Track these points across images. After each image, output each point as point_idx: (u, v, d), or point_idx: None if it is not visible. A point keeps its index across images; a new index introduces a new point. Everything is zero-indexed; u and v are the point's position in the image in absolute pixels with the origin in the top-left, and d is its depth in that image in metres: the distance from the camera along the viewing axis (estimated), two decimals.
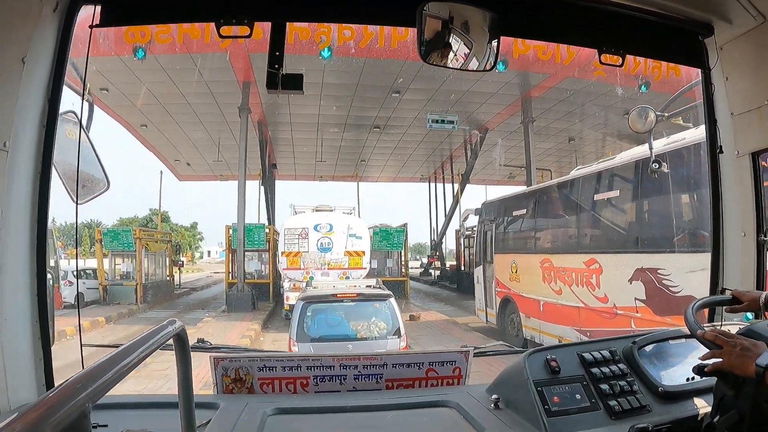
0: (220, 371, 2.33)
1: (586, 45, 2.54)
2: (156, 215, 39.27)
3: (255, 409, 2.08)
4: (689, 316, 1.78)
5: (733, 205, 2.64)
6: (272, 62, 2.19)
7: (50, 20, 2.00)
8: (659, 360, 2.21)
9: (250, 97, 18.50)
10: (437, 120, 19.78)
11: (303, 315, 8.16)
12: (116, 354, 0.99)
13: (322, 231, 17.76)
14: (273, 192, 28.63)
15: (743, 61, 2.43)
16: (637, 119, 3.60)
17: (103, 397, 2.07)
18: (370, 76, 16.96)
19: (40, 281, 2.09)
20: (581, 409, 1.95)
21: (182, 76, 16.57)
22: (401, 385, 2.43)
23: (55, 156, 2.10)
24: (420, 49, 2.09)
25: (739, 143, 2.53)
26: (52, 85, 2.07)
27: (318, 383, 2.36)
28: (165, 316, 1.20)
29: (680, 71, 10.37)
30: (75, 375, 0.87)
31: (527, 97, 19.69)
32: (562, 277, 11.19)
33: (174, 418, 1.41)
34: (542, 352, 2.15)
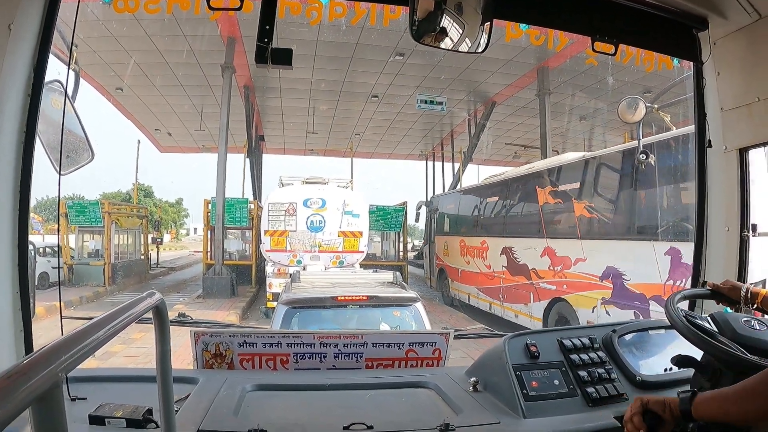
0: (201, 346, 2.50)
1: (579, 32, 2.68)
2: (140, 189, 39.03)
3: (234, 385, 2.24)
4: (670, 308, 1.91)
5: (718, 200, 2.80)
6: (262, 36, 2.26)
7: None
8: (638, 349, 2.41)
9: (236, 56, 18.06)
10: (426, 101, 19.93)
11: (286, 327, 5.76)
12: (91, 324, 1.02)
13: (313, 207, 16.15)
14: (260, 166, 28.29)
15: (736, 57, 2.57)
16: (626, 110, 3.76)
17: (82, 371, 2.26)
18: (372, 36, 16.56)
19: (21, 253, 2.20)
20: (559, 394, 2.13)
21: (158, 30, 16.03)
22: (381, 365, 2.61)
23: (39, 125, 2.19)
24: (412, 28, 2.20)
25: (728, 138, 2.68)
26: (39, 53, 2.16)
27: (298, 360, 2.54)
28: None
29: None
30: (48, 344, 0.88)
31: (544, 66, 19.47)
32: (470, 252, 16.81)
33: (153, 392, 1.49)
34: (522, 337, 2.34)
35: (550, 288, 12.02)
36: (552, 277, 11.94)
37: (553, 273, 11.89)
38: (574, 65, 18.03)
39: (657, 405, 1.57)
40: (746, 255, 2.69)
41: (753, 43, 2.47)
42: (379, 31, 15.95)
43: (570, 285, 11.27)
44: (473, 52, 2.31)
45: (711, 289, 2.15)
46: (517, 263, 13.51)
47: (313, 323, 6.01)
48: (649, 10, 2.54)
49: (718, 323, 1.86)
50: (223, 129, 18.99)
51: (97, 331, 1.02)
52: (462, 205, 18.49)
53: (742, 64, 2.56)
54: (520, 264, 13.34)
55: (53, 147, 2.26)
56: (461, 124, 26.32)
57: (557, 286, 11.75)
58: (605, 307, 10.23)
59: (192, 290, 20.64)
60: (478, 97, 22.90)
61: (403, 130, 27.09)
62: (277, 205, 16.22)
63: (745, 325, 1.83)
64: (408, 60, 18.58)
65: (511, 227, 14.41)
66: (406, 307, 6.22)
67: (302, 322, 5.97)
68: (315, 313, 6.09)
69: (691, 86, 2.87)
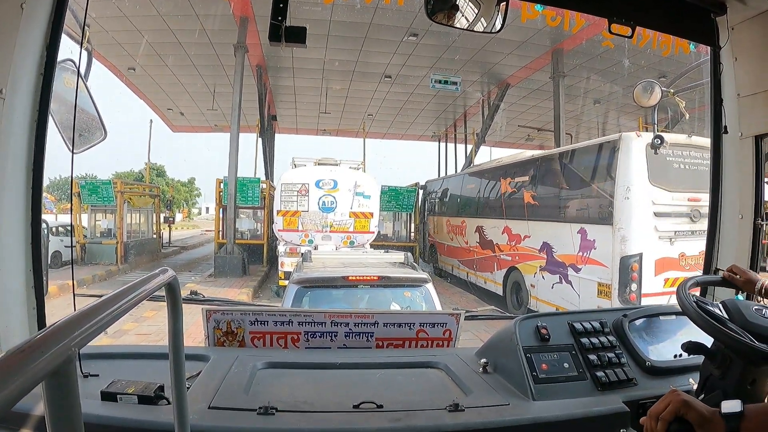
0: (212, 324, 2.53)
1: (596, 13, 2.63)
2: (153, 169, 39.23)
3: (245, 362, 2.27)
4: (681, 294, 1.90)
5: (732, 187, 2.78)
6: (276, 14, 2.26)
7: None
8: (648, 335, 2.40)
9: (248, 35, 17.96)
10: (440, 81, 19.98)
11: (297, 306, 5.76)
12: (104, 300, 1.02)
13: (325, 188, 16.59)
14: (272, 146, 28.29)
15: (754, 43, 2.53)
16: (642, 93, 3.73)
17: (94, 347, 2.30)
18: (386, 16, 16.49)
19: (34, 231, 2.22)
20: (569, 377, 2.14)
21: (170, 9, 16.06)
22: (391, 345, 2.64)
23: (52, 105, 2.20)
24: (427, 6, 2.19)
25: (744, 125, 2.66)
26: (51, 32, 2.15)
27: (309, 339, 2.57)
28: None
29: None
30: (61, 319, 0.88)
31: (560, 48, 19.31)
32: (453, 230, 19.64)
33: (164, 369, 1.51)
34: (533, 319, 2.34)
35: (507, 259, 14.69)
36: (509, 251, 14.63)
37: (510, 247, 14.59)
38: (589, 48, 17.93)
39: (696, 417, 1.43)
40: (759, 243, 2.67)
41: None
42: (393, 11, 15.93)
43: (520, 256, 13.97)
44: (488, 32, 2.30)
45: (723, 277, 2.14)
46: (486, 239, 16.20)
47: (324, 303, 6.03)
48: None
49: (729, 310, 1.85)
50: (235, 108, 18.95)
51: (110, 307, 1.02)
52: (448, 190, 21.42)
53: (761, 50, 2.52)
54: (488, 240, 16.05)
55: (66, 126, 2.25)
56: (474, 106, 26.18)
57: (512, 258, 14.39)
58: (542, 273, 12.86)
59: (204, 269, 20.78)
60: (491, 79, 22.74)
61: (416, 111, 26.99)
62: (289, 185, 16.63)
63: (756, 313, 1.82)
64: (421, 41, 18.48)
65: (483, 210, 17.08)
66: (417, 287, 6.24)
67: (313, 301, 5.98)
68: (326, 293, 6.11)
69: (708, 71, 2.84)
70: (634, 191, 10.29)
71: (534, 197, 13.61)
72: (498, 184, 15.65)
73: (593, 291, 11.03)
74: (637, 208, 10.31)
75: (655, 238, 10.31)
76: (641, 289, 10.23)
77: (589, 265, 11.23)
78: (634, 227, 10.30)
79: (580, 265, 11.47)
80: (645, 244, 10.29)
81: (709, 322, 1.77)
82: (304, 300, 5.95)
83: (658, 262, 10.32)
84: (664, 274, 10.37)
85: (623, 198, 10.37)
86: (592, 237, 11.19)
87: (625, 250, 10.30)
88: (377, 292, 6.12)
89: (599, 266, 10.89)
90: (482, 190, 17.31)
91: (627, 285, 10.29)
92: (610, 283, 10.52)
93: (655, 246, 10.29)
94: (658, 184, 10.33)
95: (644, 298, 10.16)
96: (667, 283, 10.26)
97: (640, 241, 10.27)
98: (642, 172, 10.32)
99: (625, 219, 10.37)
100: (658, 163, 10.36)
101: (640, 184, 10.28)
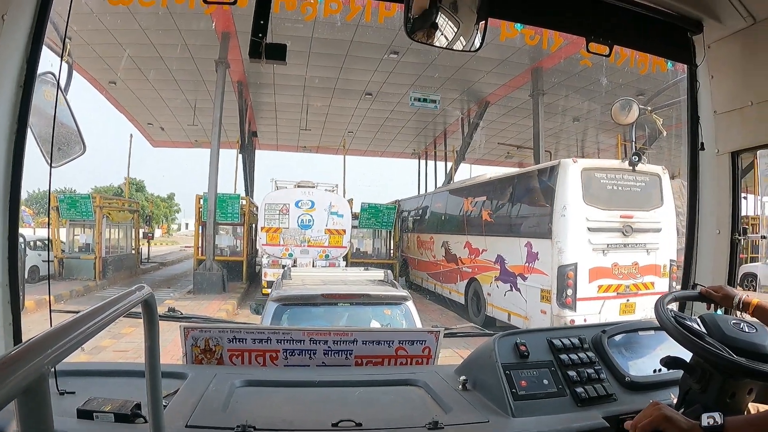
0: (190, 341, 2.50)
1: (574, 32, 2.67)
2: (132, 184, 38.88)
3: (224, 380, 2.24)
4: (659, 309, 1.92)
5: (709, 203, 2.81)
6: (256, 30, 2.26)
7: None
8: (628, 350, 2.42)
9: (230, 51, 18.01)
10: (419, 99, 20.55)
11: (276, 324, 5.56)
12: (80, 317, 1.01)
13: (304, 207, 18.62)
14: (252, 162, 28.26)
15: (730, 61, 2.58)
16: (620, 111, 3.79)
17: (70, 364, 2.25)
18: (367, 33, 16.62)
19: (11, 244, 2.19)
20: (548, 394, 2.14)
21: (152, 23, 16.01)
22: (370, 362, 2.62)
23: (31, 117, 2.17)
24: (406, 25, 2.19)
25: (720, 142, 2.70)
26: (32, 44, 2.14)
27: (287, 357, 2.54)
28: None
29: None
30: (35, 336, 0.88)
31: (539, 67, 19.50)
32: (422, 245, 20.84)
33: (142, 387, 1.48)
34: (512, 336, 2.34)
35: (468, 271, 16.00)
36: (469, 263, 15.94)
37: (470, 260, 15.88)
38: (568, 66, 18.13)
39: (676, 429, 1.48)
40: (737, 258, 2.70)
41: (747, 48, 2.48)
42: (374, 29, 16.04)
43: (479, 268, 15.27)
44: (467, 50, 2.30)
45: (701, 293, 2.16)
46: (451, 254, 17.54)
47: (304, 320, 5.87)
48: (644, 12, 2.55)
49: (708, 325, 1.86)
50: (216, 124, 19.04)
51: (86, 323, 1.01)
52: (418, 209, 22.91)
53: (736, 68, 2.57)
54: (452, 254, 17.39)
55: (45, 139, 2.24)
56: (454, 123, 26.34)
57: (472, 270, 15.72)
58: (496, 283, 14.14)
59: (183, 286, 20.60)
60: (471, 97, 22.94)
61: (396, 128, 27.11)
62: (272, 205, 18.60)
63: (734, 327, 1.82)
64: (402, 58, 18.65)
65: (448, 227, 18.41)
66: (397, 305, 6.13)
67: (292, 318, 5.84)
68: (305, 310, 5.97)
69: (685, 89, 2.88)
70: (569, 209, 11.65)
71: (490, 215, 15.17)
72: (461, 204, 17.36)
73: (537, 297, 12.35)
74: (572, 223, 11.64)
75: (589, 249, 11.66)
76: (576, 294, 11.57)
77: (534, 274, 12.60)
78: (570, 240, 11.65)
79: (527, 274, 12.84)
80: (580, 255, 11.63)
81: (687, 337, 1.79)
82: (284, 317, 5.80)
83: (592, 271, 11.66)
84: (597, 281, 11.71)
85: (560, 215, 11.74)
86: (536, 249, 12.55)
87: (562, 260, 11.65)
88: (357, 309, 5.99)
89: (542, 275, 12.24)
90: (448, 209, 18.88)
91: (563, 290, 11.63)
92: (551, 289, 11.85)
93: (589, 257, 11.66)
94: (591, 203, 11.67)
95: (579, 302, 11.58)
96: (601, 289, 11.73)
97: (575, 253, 11.63)
98: (577, 193, 11.68)
99: (562, 233, 11.72)
100: (592, 185, 11.83)
101: (575, 203, 11.65)
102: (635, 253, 12.00)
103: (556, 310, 11.74)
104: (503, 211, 14.64)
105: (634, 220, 11.90)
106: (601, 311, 11.71)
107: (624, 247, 11.88)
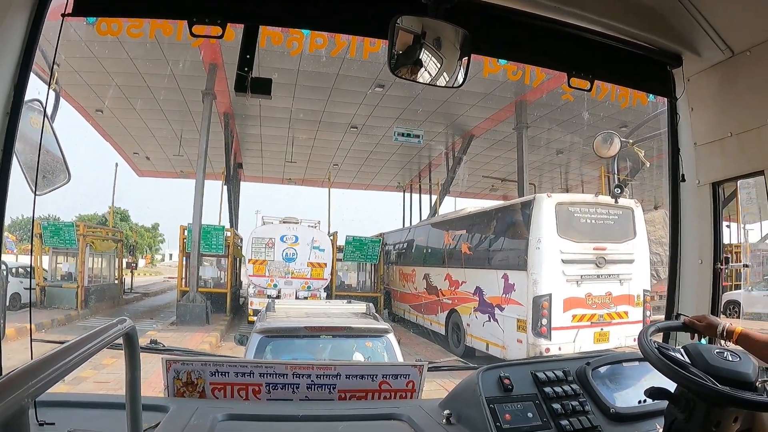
0: (172, 374, 2.46)
1: (556, 68, 2.74)
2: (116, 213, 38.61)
3: (205, 414, 2.21)
4: (643, 341, 1.92)
5: (692, 233, 2.84)
6: (242, 65, 2.30)
7: (22, 4, 2.07)
8: (612, 382, 2.42)
9: (217, 82, 18.09)
10: (403, 134, 20.93)
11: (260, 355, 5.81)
12: (60, 350, 1.01)
13: (288, 242, 20.00)
14: (237, 194, 28.32)
15: (709, 93, 2.63)
16: (602, 145, 3.84)
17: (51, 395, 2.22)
18: (352, 67, 16.86)
19: None
20: (533, 427, 2.13)
21: (140, 54, 16.01)
22: (354, 397, 2.59)
23: (17, 144, 2.16)
24: (390, 61, 2.21)
25: (701, 173, 2.74)
26: (20, 71, 2.13)
27: (270, 391, 2.51)
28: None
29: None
30: (16, 368, 0.88)
31: (522, 100, 19.76)
32: (404, 278, 21.16)
33: (123, 419, 1.48)
34: (496, 369, 2.34)
35: (448, 302, 16.33)
36: (450, 295, 16.32)
37: (450, 292, 16.28)
38: (550, 100, 18.41)
39: None
40: (719, 287, 2.72)
41: (726, 80, 2.53)
42: (359, 63, 16.27)
43: (459, 299, 15.62)
44: (451, 86, 2.32)
45: (684, 323, 2.16)
46: (432, 285, 17.98)
47: (287, 352, 5.98)
48: (624, 47, 2.60)
49: (691, 355, 1.86)
50: (201, 155, 19.04)
51: (68, 356, 1.01)
52: (401, 242, 23.36)
53: (716, 100, 2.62)
54: (433, 286, 17.81)
55: (30, 166, 2.25)
56: (439, 157, 26.53)
57: (452, 301, 16.06)
58: (475, 314, 14.45)
59: (166, 317, 20.37)
60: (456, 130, 23.14)
61: (381, 161, 27.23)
62: (259, 239, 20.00)
63: (717, 356, 1.83)
64: (387, 92, 18.80)
65: (429, 259, 19.11)
66: (378, 338, 6.27)
67: (276, 350, 5.95)
68: (288, 342, 6.08)
69: (666, 121, 2.93)
70: (544, 242, 12.11)
71: (469, 248, 15.74)
72: (442, 237, 18.03)
73: (514, 326, 12.66)
74: (546, 256, 12.09)
75: (563, 281, 12.07)
76: (551, 323, 11.94)
77: (510, 305, 12.95)
78: (544, 272, 12.06)
79: (504, 305, 13.20)
80: (554, 285, 12.04)
81: (670, 368, 1.79)
82: (267, 349, 5.91)
83: (566, 301, 12.07)
84: (572, 311, 12.10)
85: (535, 248, 12.18)
86: (512, 281, 12.93)
87: (537, 291, 12.03)
88: (339, 342, 6.09)
89: (518, 305, 12.60)
90: (429, 242, 19.62)
91: (539, 320, 11.96)
92: (526, 319, 12.18)
93: (563, 287, 12.07)
94: (565, 236, 12.17)
95: (554, 331, 11.95)
96: (575, 318, 12.13)
97: (549, 284, 12.03)
98: (551, 227, 12.16)
99: (537, 265, 12.14)
100: (565, 219, 12.33)
101: (549, 236, 12.13)
102: (609, 283, 12.40)
103: (531, 339, 12.02)
104: (481, 244, 15.24)
105: (607, 252, 12.35)
106: (576, 340, 12.06)
107: (597, 278, 12.29)
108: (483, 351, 13.88)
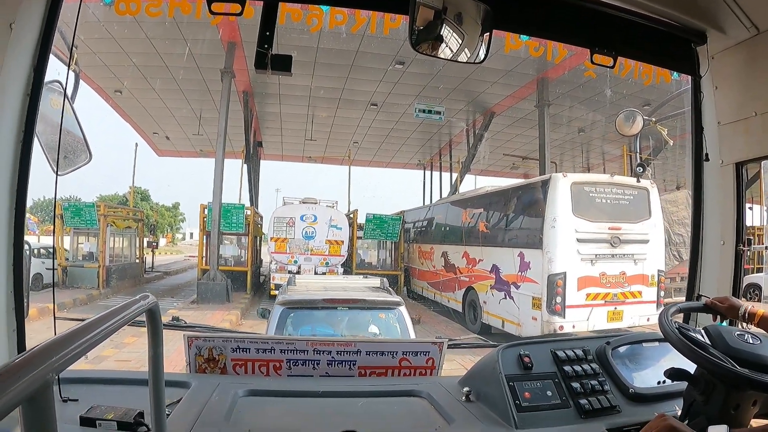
0: (194, 350, 2.50)
1: (579, 44, 2.69)
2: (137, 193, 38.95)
3: (227, 390, 2.23)
4: (663, 320, 1.91)
5: (714, 214, 2.80)
6: (262, 42, 2.27)
7: None
8: (632, 362, 2.41)
9: (236, 61, 18.05)
10: (424, 110, 21.06)
11: (282, 326, 6.38)
12: (83, 326, 1.01)
13: (307, 221, 20.90)
14: (257, 172, 28.38)
15: (734, 72, 2.58)
16: (624, 123, 3.79)
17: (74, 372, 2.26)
18: (372, 44, 16.72)
19: (16, 252, 2.19)
20: (552, 405, 2.13)
21: (158, 33, 16.02)
22: (374, 373, 2.61)
23: (38, 126, 2.18)
24: (411, 37, 2.19)
25: (724, 152, 2.69)
26: (39, 53, 2.15)
27: (291, 367, 2.54)
28: None
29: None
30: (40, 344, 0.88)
31: (544, 77, 19.53)
32: (423, 255, 21.51)
33: (145, 395, 1.49)
34: (516, 347, 2.34)
35: (465, 280, 16.62)
36: (467, 273, 16.57)
37: (468, 270, 16.53)
38: (573, 77, 18.15)
39: None
40: (741, 267, 2.68)
41: (751, 58, 2.47)
42: (380, 40, 16.16)
43: (476, 277, 15.87)
44: (472, 62, 2.30)
45: (705, 304, 2.14)
46: (450, 263, 18.30)
47: (306, 323, 6.59)
48: (648, 23, 2.54)
49: (712, 336, 1.85)
50: (221, 134, 19.12)
51: (90, 332, 1.01)
52: (420, 220, 23.63)
53: (740, 78, 2.56)
54: (451, 263, 18.11)
55: (51, 147, 2.27)
56: (460, 134, 26.31)
57: (469, 278, 16.36)
58: (491, 291, 14.75)
59: (186, 295, 20.60)
60: (477, 107, 22.91)
61: (402, 138, 27.07)
62: (281, 218, 20.98)
63: (738, 338, 1.82)
64: (408, 69, 18.66)
65: (447, 237, 19.39)
66: (391, 310, 6.82)
67: (296, 321, 6.50)
68: (308, 314, 6.66)
69: (689, 100, 2.88)
70: (559, 221, 12.34)
71: (487, 226, 16.03)
72: (460, 215, 18.30)
73: (529, 304, 12.91)
74: (561, 235, 12.32)
75: (578, 259, 12.32)
76: (565, 301, 12.20)
77: (526, 282, 13.20)
78: (559, 250, 12.32)
79: (519, 283, 13.45)
80: (568, 264, 12.29)
81: (691, 349, 1.78)
82: (288, 320, 6.45)
83: (580, 280, 12.33)
84: (586, 289, 12.36)
85: (550, 227, 12.41)
86: (528, 259, 13.17)
87: (552, 269, 12.30)
88: (355, 313, 6.68)
89: (533, 283, 12.85)
90: (448, 220, 19.91)
91: (553, 298, 12.24)
92: (541, 296, 12.42)
93: (577, 266, 12.34)
94: (580, 216, 12.38)
95: (568, 309, 12.22)
96: (589, 297, 12.42)
97: (564, 262, 12.29)
98: (566, 206, 12.37)
99: (552, 244, 12.38)
100: (581, 198, 12.54)
101: (565, 216, 12.35)
102: (623, 263, 12.62)
103: (546, 317, 12.26)
104: (498, 222, 15.57)
105: (621, 232, 12.56)
106: (590, 318, 12.27)
107: (612, 257, 12.53)
108: (499, 328, 14.13)
